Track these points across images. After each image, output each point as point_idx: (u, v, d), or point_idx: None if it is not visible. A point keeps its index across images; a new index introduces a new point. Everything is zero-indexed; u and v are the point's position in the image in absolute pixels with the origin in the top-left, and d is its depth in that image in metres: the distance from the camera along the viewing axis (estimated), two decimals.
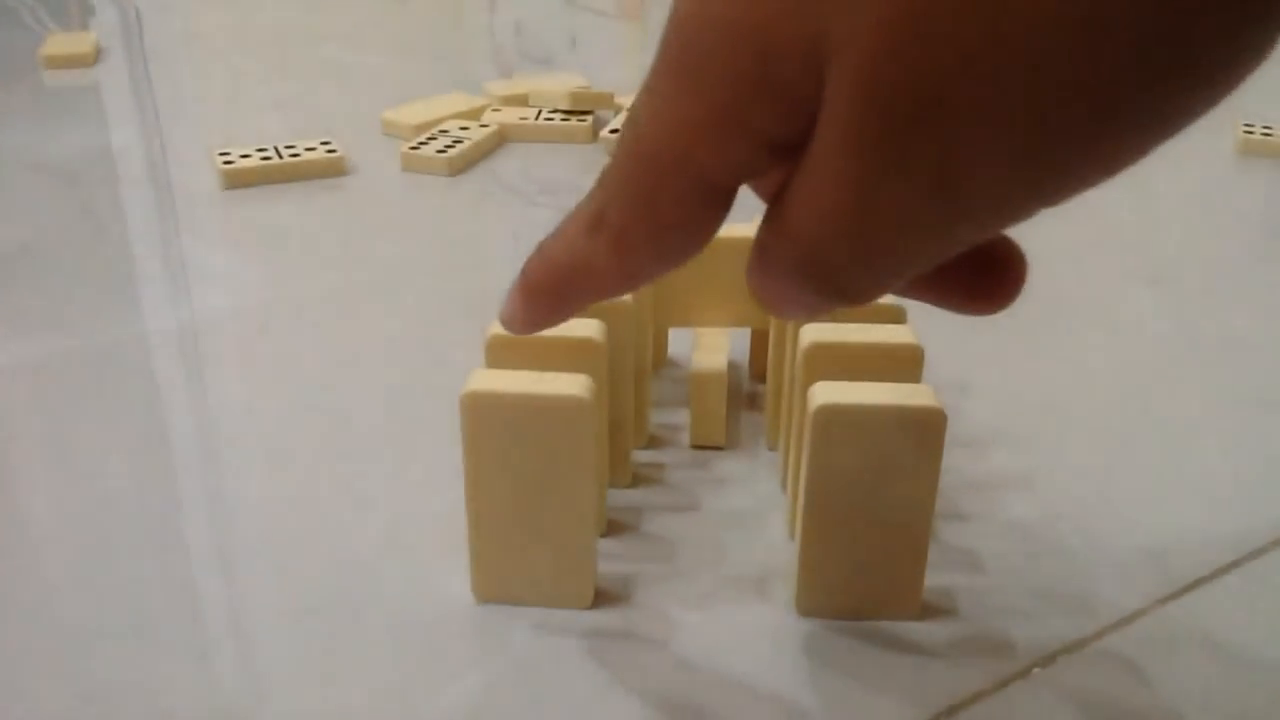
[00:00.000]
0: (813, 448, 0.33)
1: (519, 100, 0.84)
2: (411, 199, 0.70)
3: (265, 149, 0.72)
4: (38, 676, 0.33)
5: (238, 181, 0.70)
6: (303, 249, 0.62)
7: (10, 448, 0.45)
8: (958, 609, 0.36)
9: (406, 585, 0.37)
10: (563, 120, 0.79)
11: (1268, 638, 0.35)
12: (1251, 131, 0.78)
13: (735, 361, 0.49)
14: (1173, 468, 0.44)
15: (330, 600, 0.36)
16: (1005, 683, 0.33)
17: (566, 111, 0.81)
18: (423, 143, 0.74)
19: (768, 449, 0.44)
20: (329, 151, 0.73)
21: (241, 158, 0.71)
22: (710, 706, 0.32)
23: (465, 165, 0.74)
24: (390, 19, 1.16)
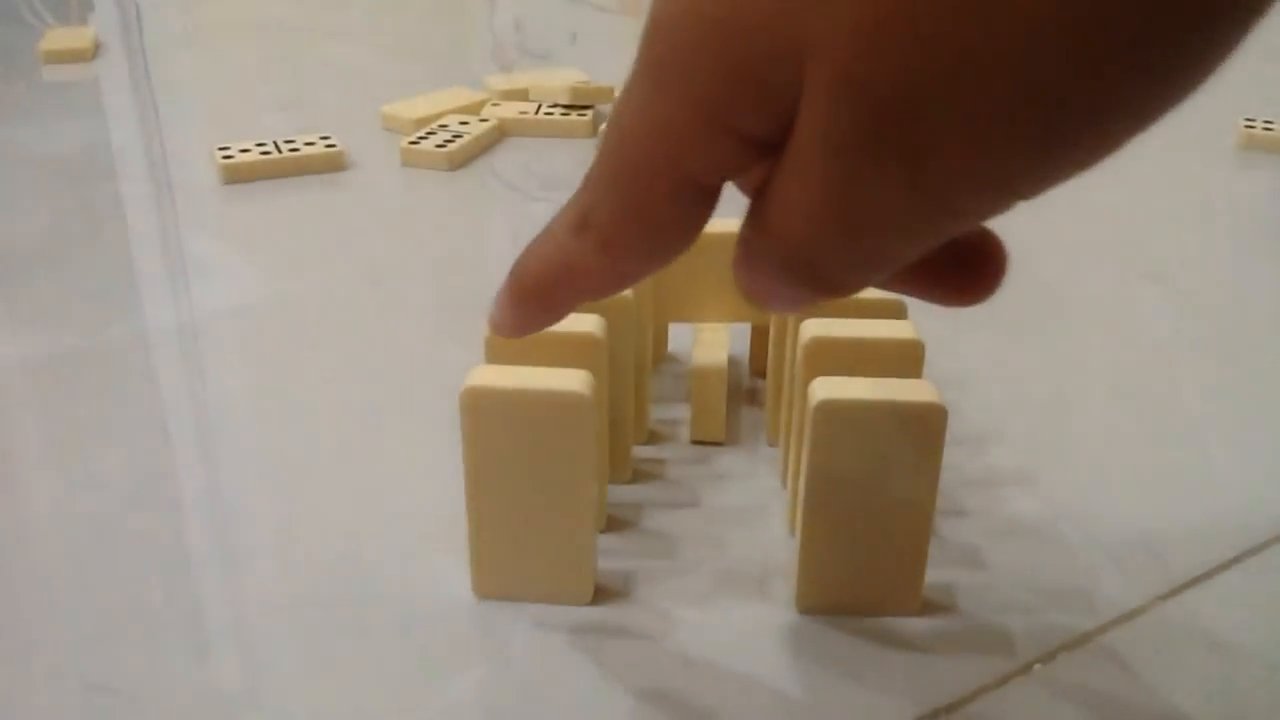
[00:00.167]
0: (813, 443, 0.33)
1: (519, 95, 0.83)
2: (411, 194, 0.70)
3: (265, 144, 0.72)
4: (39, 672, 0.33)
5: (237, 177, 0.70)
6: (302, 244, 0.62)
7: (10, 445, 0.45)
8: (958, 605, 0.36)
9: (407, 582, 0.37)
10: (563, 115, 0.79)
11: (1267, 635, 0.35)
12: (1253, 126, 0.78)
13: (735, 357, 0.49)
14: (1173, 465, 0.44)
15: (330, 597, 0.36)
16: (1005, 679, 0.33)
17: (566, 106, 0.81)
18: (422, 137, 0.74)
19: (768, 445, 0.44)
20: (328, 146, 0.72)
21: (241, 153, 0.71)
22: (710, 703, 0.32)
23: (465, 160, 0.74)
24: (390, 13, 1.16)
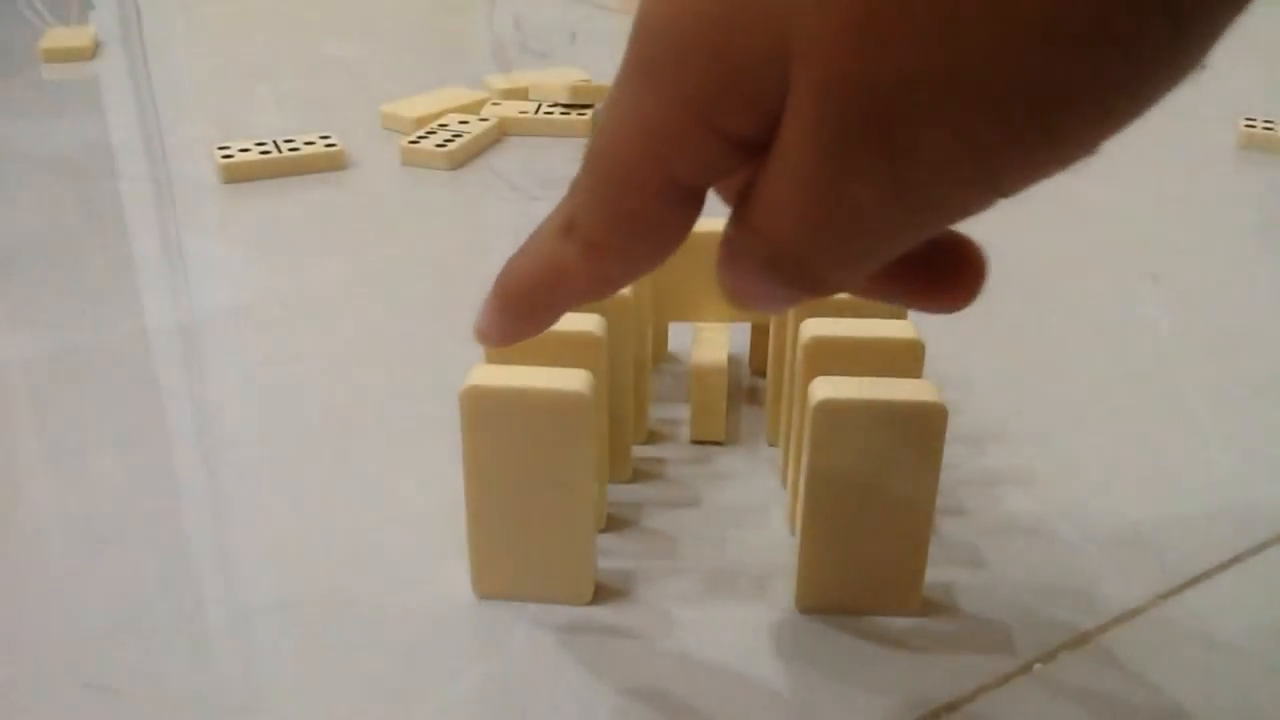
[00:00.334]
0: (813, 443, 0.33)
1: (519, 94, 0.83)
2: (411, 193, 0.70)
3: (264, 143, 0.72)
4: (39, 672, 0.33)
5: (237, 176, 0.70)
6: (302, 243, 0.62)
7: (10, 443, 0.45)
8: (958, 605, 0.36)
9: (406, 581, 0.37)
10: (563, 114, 0.79)
11: (1267, 634, 0.35)
12: (1253, 126, 0.78)
13: (735, 356, 0.49)
14: (1173, 464, 0.44)
15: (330, 596, 0.36)
16: (1005, 679, 0.33)
17: (567, 105, 0.81)
18: (422, 137, 0.74)
19: (768, 444, 0.44)
20: (328, 146, 0.72)
21: (241, 152, 0.71)
22: (710, 702, 0.32)
23: (465, 159, 0.74)
24: (390, 13, 1.16)
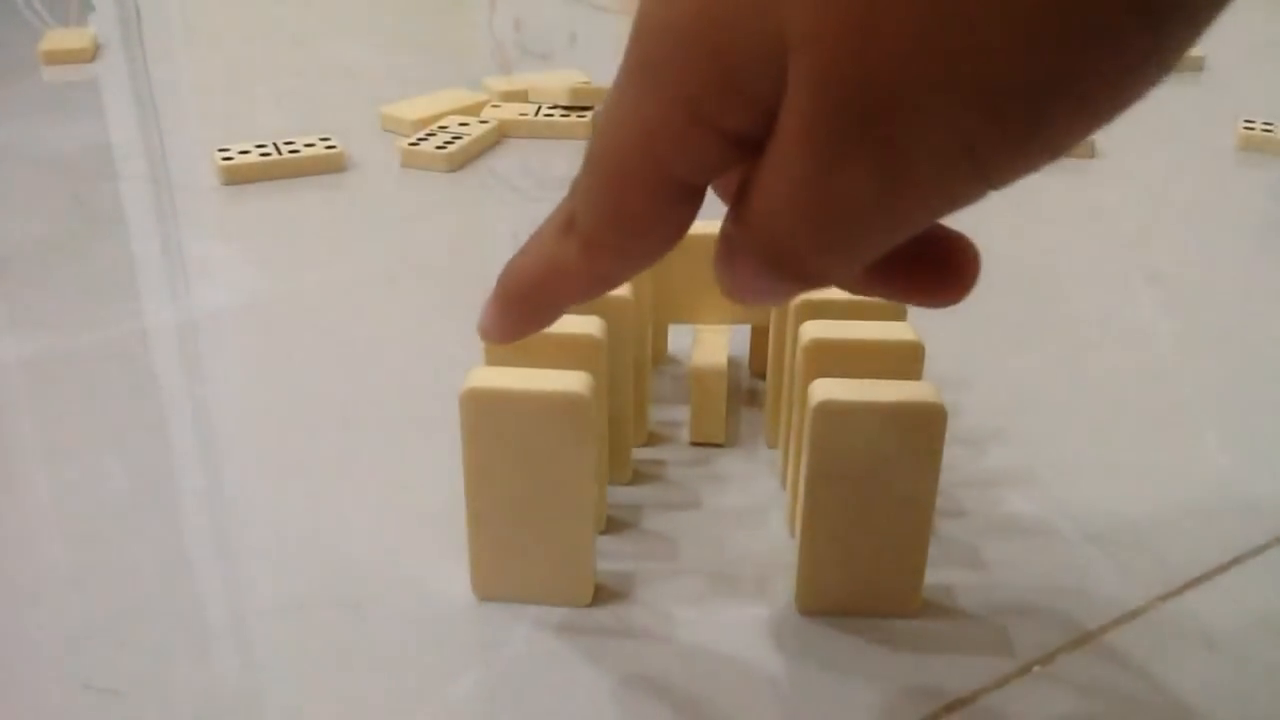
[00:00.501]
0: (813, 444, 0.33)
1: (519, 96, 0.83)
2: (411, 195, 0.70)
3: (264, 145, 0.72)
4: (38, 671, 0.33)
5: (237, 178, 0.70)
6: (302, 245, 0.62)
7: (10, 444, 0.45)
8: (958, 606, 0.36)
9: (406, 583, 0.37)
10: (562, 116, 0.79)
11: (1267, 635, 0.35)
12: (1252, 128, 0.78)
13: (735, 358, 0.49)
14: (1172, 465, 0.44)
15: (329, 598, 0.36)
16: (1005, 679, 0.33)
17: (566, 108, 0.81)
18: (422, 139, 0.74)
19: (767, 446, 0.44)
20: (328, 148, 0.72)
21: (241, 154, 0.71)
22: (710, 704, 0.32)
23: (465, 161, 0.74)
24: (390, 14, 1.16)
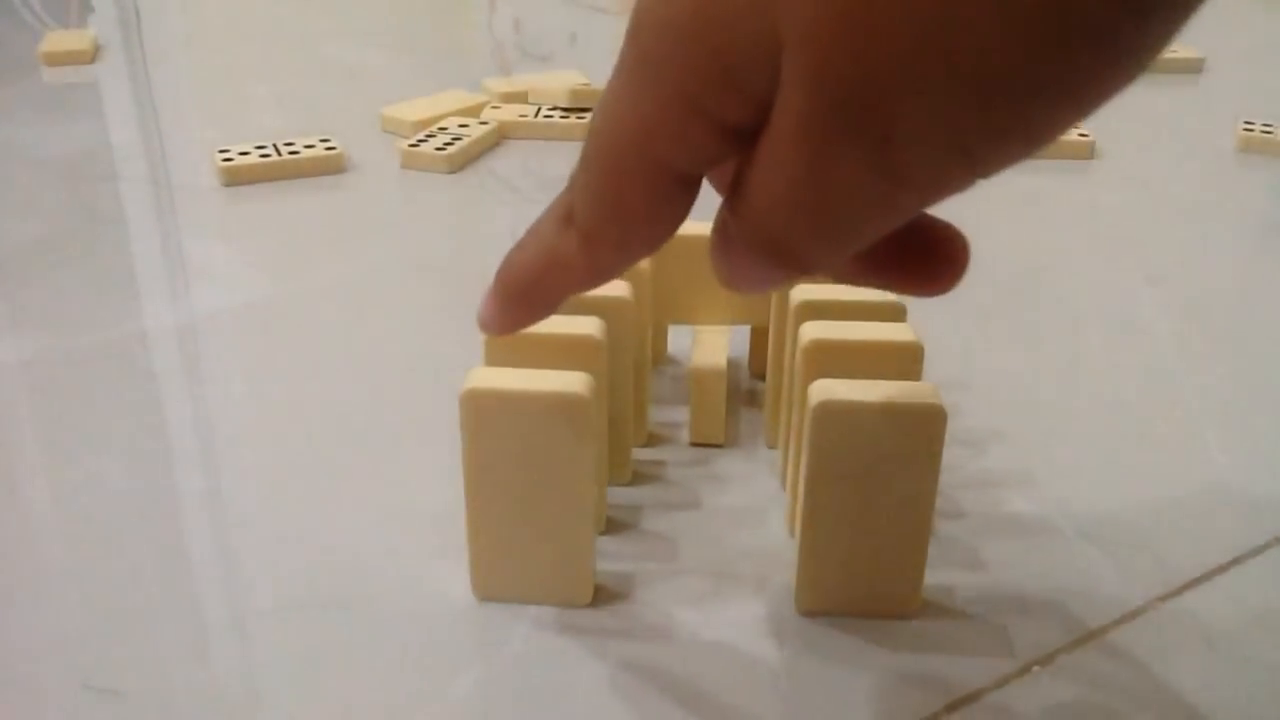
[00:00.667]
0: (812, 445, 0.33)
1: (518, 97, 0.83)
2: (411, 196, 0.70)
3: (264, 146, 0.72)
4: (38, 671, 0.33)
5: (237, 179, 0.70)
6: (302, 246, 0.62)
7: (10, 444, 0.45)
8: (958, 606, 0.36)
9: (406, 583, 0.37)
10: (562, 118, 0.79)
11: (1266, 636, 0.35)
12: (1251, 129, 0.78)
13: (735, 359, 0.49)
14: (1172, 466, 0.44)
15: (329, 598, 0.36)
16: (1005, 680, 0.33)
17: (566, 109, 0.81)
18: (422, 140, 0.74)
19: (767, 446, 0.44)
20: (328, 149, 0.72)
21: (240, 155, 0.71)
22: (710, 704, 0.32)
23: (464, 163, 0.74)
24: (390, 16, 1.16)
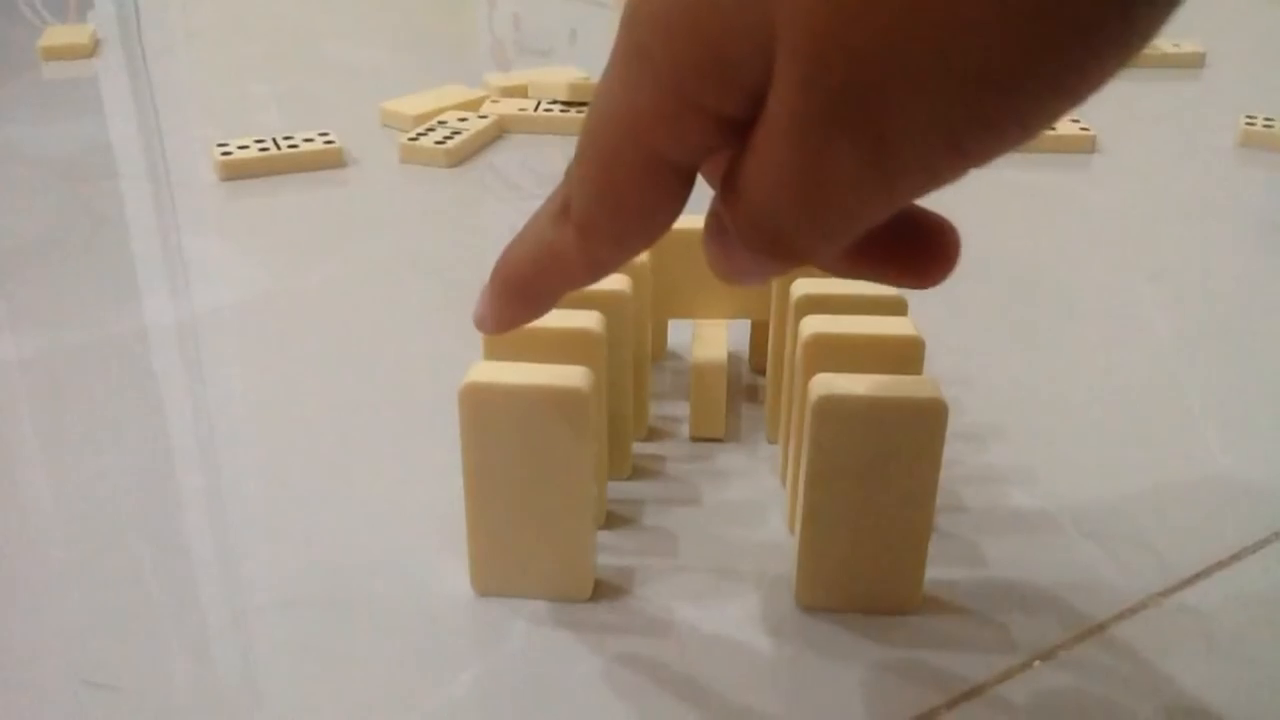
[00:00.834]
0: (813, 440, 0.33)
1: (518, 92, 0.83)
2: (410, 190, 0.70)
3: (263, 140, 0.72)
4: (37, 668, 0.33)
5: (236, 173, 0.70)
6: (301, 241, 0.62)
7: (10, 441, 0.44)
8: (958, 602, 0.36)
9: (406, 578, 0.37)
10: (562, 112, 0.79)
11: (1267, 632, 0.35)
12: (1253, 123, 0.78)
13: (735, 353, 0.49)
14: (1173, 461, 0.44)
15: (329, 593, 0.36)
16: (1005, 675, 0.33)
17: (566, 103, 0.81)
18: (421, 134, 0.74)
19: (768, 441, 0.44)
20: (327, 143, 0.72)
21: (239, 149, 0.71)
22: (710, 699, 0.32)
23: (464, 157, 0.74)
24: (389, 10, 1.16)
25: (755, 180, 0.21)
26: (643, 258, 0.41)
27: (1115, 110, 0.82)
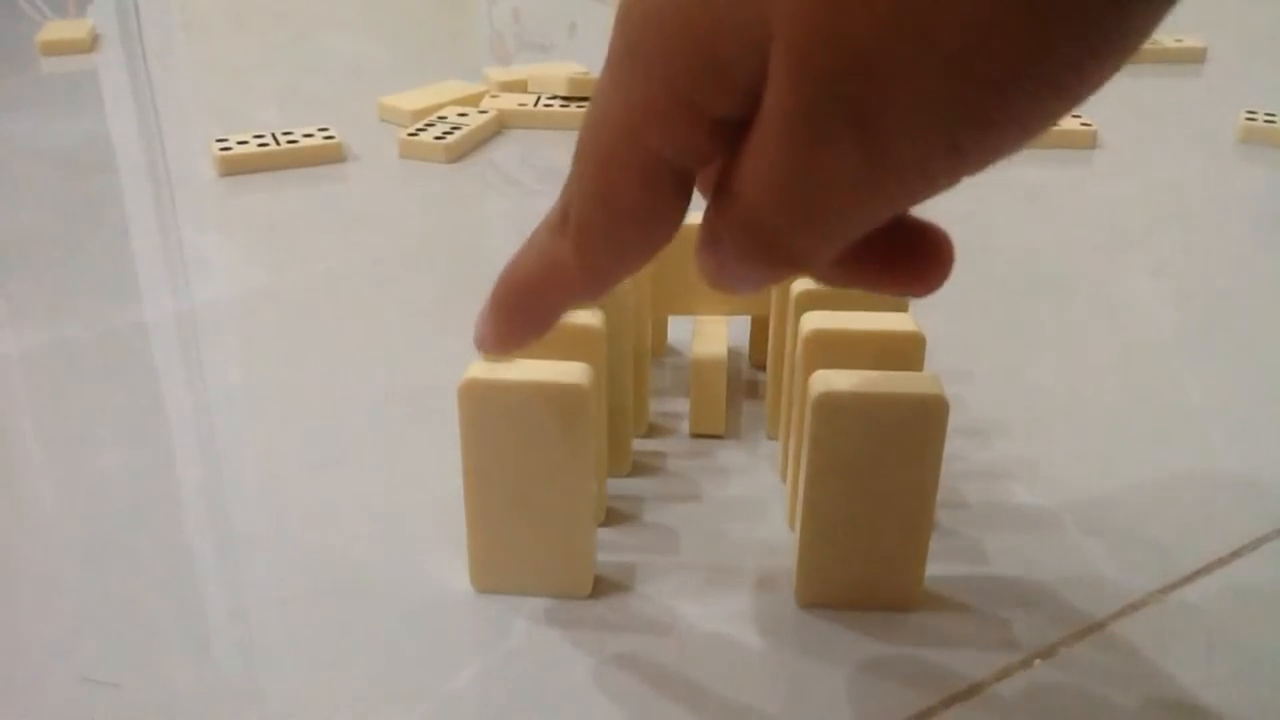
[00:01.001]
0: (813, 436, 0.33)
1: (518, 86, 0.83)
2: (409, 186, 0.70)
3: (263, 136, 0.72)
4: (36, 665, 0.33)
5: (235, 168, 0.70)
6: (300, 236, 0.62)
7: (9, 436, 0.44)
8: (959, 598, 0.36)
9: (405, 575, 0.37)
10: (562, 107, 0.79)
11: (1268, 628, 0.35)
12: (1254, 119, 0.78)
13: (735, 349, 0.49)
14: (1174, 457, 0.44)
15: (329, 590, 0.36)
16: (1006, 672, 0.33)
17: (565, 98, 0.80)
18: (421, 129, 0.74)
19: (768, 438, 0.44)
20: (326, 138, 0.72)
21: (239, 145, 0.71)
22: (710, 697, 0.32)
23: (463, 152, 0.73)
24: (389, 5, 1.16)
25: (749, 180, 0.21)
26: None
27: (1116, 105, 0.82)
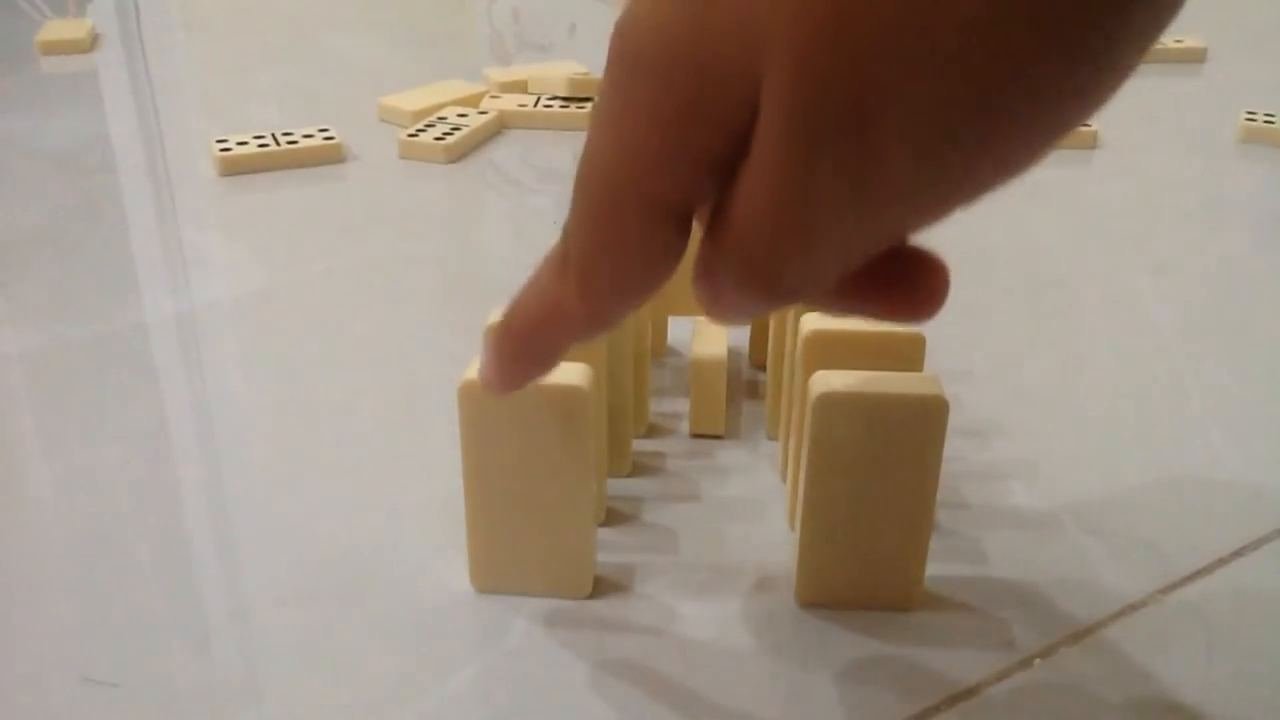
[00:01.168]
0: (813, 436, 0.33)
1: (518, 87, 0.83)
2: (409, 186, 0.70)
3: (263, 136, 0.72)
4: (37, 664, 0.33)
5: (235, 169, 0.70)
6: (300, 236, 0.62)
7: (9, 436, 0.44)
8: (959, 599, 0.36)
9: (405, 575, 0.37)
10: (562, 107, 0.79)
11: (1267, 629, 0.35)
12: (1254, 119, 0.78)
13: (735, 350, 0.49)
14: (1174, 458, 0.44)
15: (329, 590, 0.36)
16: (1005, 673, 0.33)
17: (565, 98, 0.80)
18: (421, 130, 0.74)
19: (768, 438, 0.44)
20: (326, 139, 0.72)
21: (239, 145, 0.71)
22: (710, 696, 0.32)
23: (463, 152, 0.73)
24: (389, 6, 1.16)
25: (744, 210, 0.21)
26: None
27: (1116, 106, 0.82)
